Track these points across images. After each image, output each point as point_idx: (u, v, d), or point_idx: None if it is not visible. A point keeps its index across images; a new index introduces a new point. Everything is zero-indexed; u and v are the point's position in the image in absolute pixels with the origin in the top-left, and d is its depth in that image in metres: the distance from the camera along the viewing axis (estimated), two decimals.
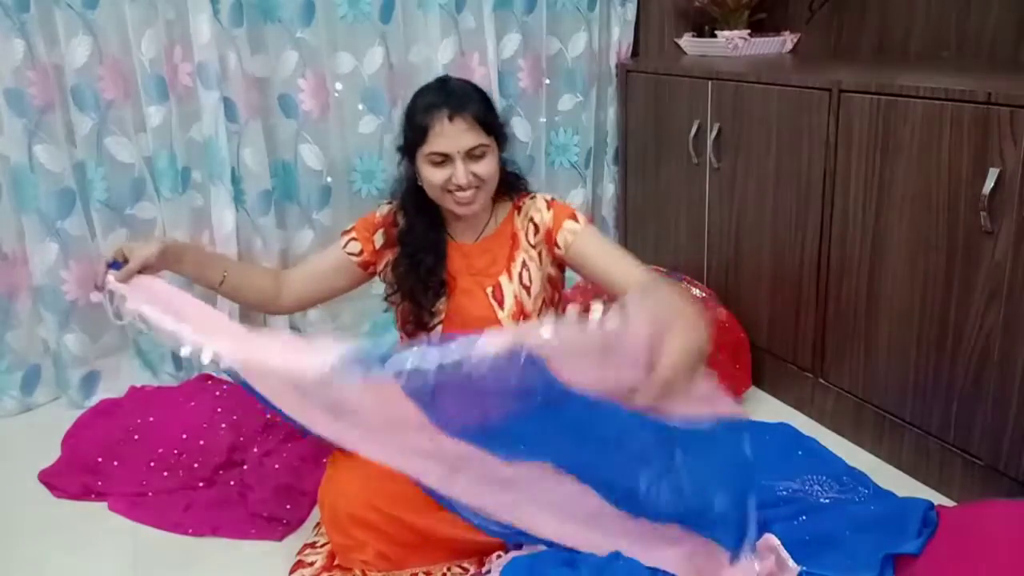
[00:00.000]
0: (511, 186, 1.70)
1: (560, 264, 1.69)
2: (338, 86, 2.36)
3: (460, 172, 1.55)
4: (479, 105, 1.57)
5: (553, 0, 2.54)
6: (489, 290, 1.64)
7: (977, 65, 2.02)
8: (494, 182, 1.61)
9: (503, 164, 1.66)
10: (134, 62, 2.14)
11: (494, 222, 1.68)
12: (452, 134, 1.53)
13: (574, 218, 1.63)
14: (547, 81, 2.61)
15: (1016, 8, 1.99)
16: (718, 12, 2.56)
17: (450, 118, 1.53)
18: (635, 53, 2.70)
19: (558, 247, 1.63)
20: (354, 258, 1.72)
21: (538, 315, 1.66)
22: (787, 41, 2.59)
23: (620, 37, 2.64)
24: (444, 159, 1.55)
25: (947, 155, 1.60)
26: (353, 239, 1.73)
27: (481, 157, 1.56)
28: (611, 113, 2.71)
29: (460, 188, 1.56)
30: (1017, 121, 1.47)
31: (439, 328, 1.66)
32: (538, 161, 2.66)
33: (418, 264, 1.65)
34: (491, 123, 1.58)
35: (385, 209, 1.73)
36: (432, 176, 1.57)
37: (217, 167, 2.22)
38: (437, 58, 2.41)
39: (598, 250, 1.61)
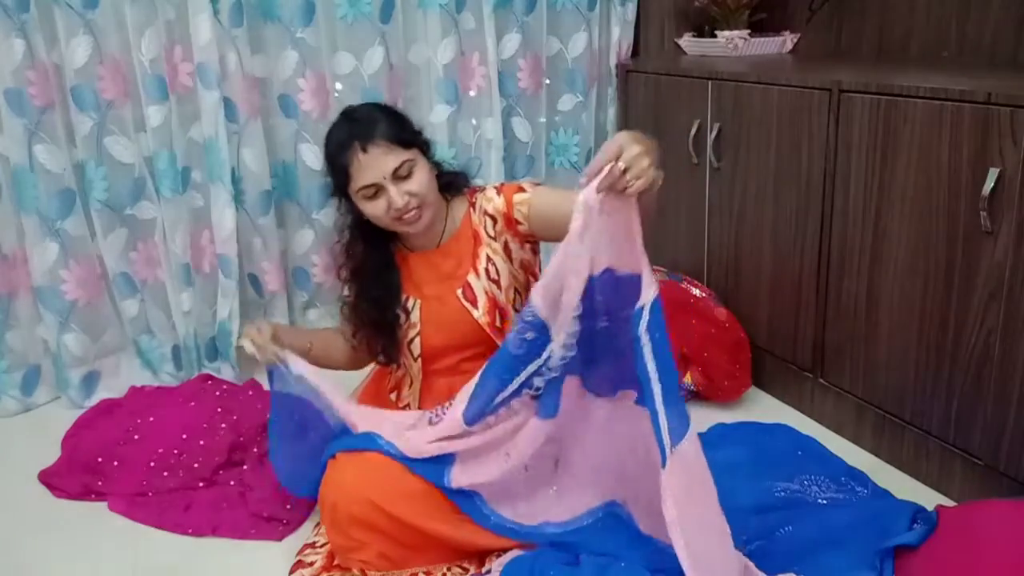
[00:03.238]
0: (453, 184, 1.68)
1: (531, 242, 1.67)
2: (338, 86, 2.36)
3: (395, 196, 1.53)
4: (387, 125, 1.54)
5: (553, 0, 2.54)
6: (459, 291, 1.64)
7: (977, 65, 2.02)
8: (433, 192, 1.59)
9: (436, 167, 1.65)
10: (134, 62, 2.14)
11: (452, 223, 1.67)
12: (371, 163, 1.52)
13: (521, 189, 1.61)
14: (547, 81, 2.61)
15: (1016, 8, 1.99)
16: (718, 12, 2.56)
17: (363, 149, 1.51)
18: (635, 53, 2.70)
19: (520, 224, 1.61)
20: None
21: (513, 306, 1.65)
22: (787, 41, 2.59)
23: (620, 37, 2.64)
24: (376, 189, 1.54)
25: (947, 155, 1.60)
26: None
27: (409, 175, 1.54)
28: (611, 113, 2.71)
29: (400, 211, 1.55)
30: (1017, 121, 1.46)
31: (417, 340, 1.67)
32: (538, 161, 2.66)
33: (371, 302, 1.67)
34: (406, 138, 1.56)
35: (336, 249, 1.73)
36: (372, 209, 1.57)
37: (217, 167, 2.22)
38: (437, 58, 2.41)
39: (553, 199, 1.57)
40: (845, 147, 1.83)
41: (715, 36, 2.55)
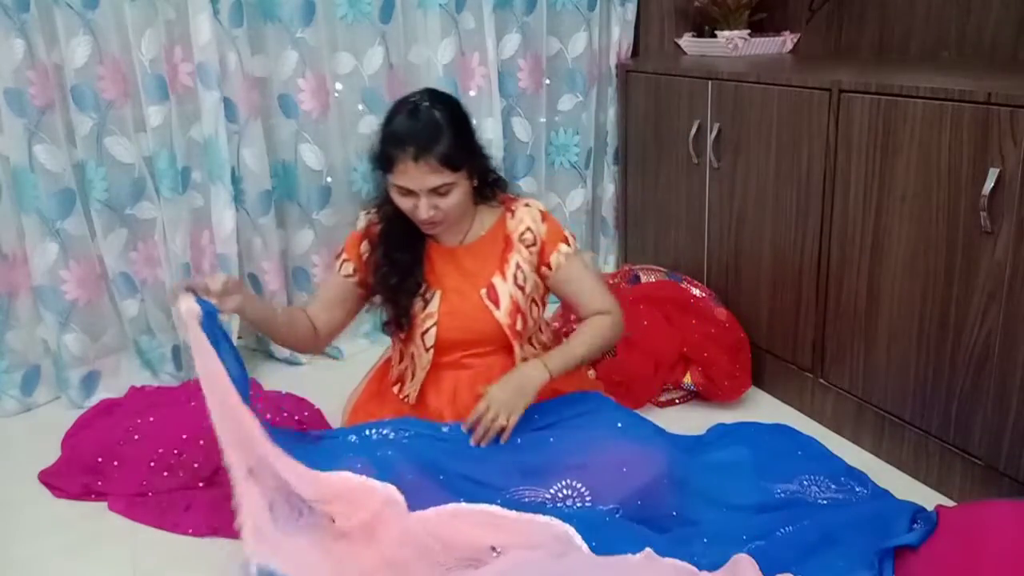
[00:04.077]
0: (492, 190, 1.72)
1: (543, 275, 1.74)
2: (338, 86, 2.36)
3: (423, 208, 1.57)
4: (447, 144, 1.54)
5: (553, 0, 2.54)
6: (483, 291, 1.67)
7: (977, 65, 2.02)
8: (460, 211, 1.63)
9: (484, 169, 1.67)
10: (134, 62, 2.14)
11: (479, 226, 1.71)
12: (416, 174, 1.54)
13: (567, 241, 1.70)
14: (547, 81, 2.61)
15: (1016, 8, 1.99)
16: (718, 12, 2.56)
17: (415, 159, 1.53)
18: (635, 53, 2.70)
19: (548, 266, 1.69)
20: (351, 279, 1.75)
21: (530, 313, 1.71)
22: (787, 41, 2.59)
23: (620, 37, 2.64)
24: (409, 191, 1.57)
25: (947, 155, 1.60)
26: (346, 260, 1.76)
27: (446, 194, 1.58)
28: (611, 113, 2.71)
29: (422, 221, 1.59)
30: (1017, 121, 1.47)
31: (432, 331, 1.67)
32: (538, 161, 2.66)
33: (394, 264, 1.68)
34: (458, 162, 1.56)
35: (364, 220, 1.75)
36: (399, 202, 1.61)
37: (217, 167, 2.21)
38: (437, 58, 2.41)
39: (579, 276, 1.70)
40: (845, 147, 1.83)
41: (715, 36, 2.55)
